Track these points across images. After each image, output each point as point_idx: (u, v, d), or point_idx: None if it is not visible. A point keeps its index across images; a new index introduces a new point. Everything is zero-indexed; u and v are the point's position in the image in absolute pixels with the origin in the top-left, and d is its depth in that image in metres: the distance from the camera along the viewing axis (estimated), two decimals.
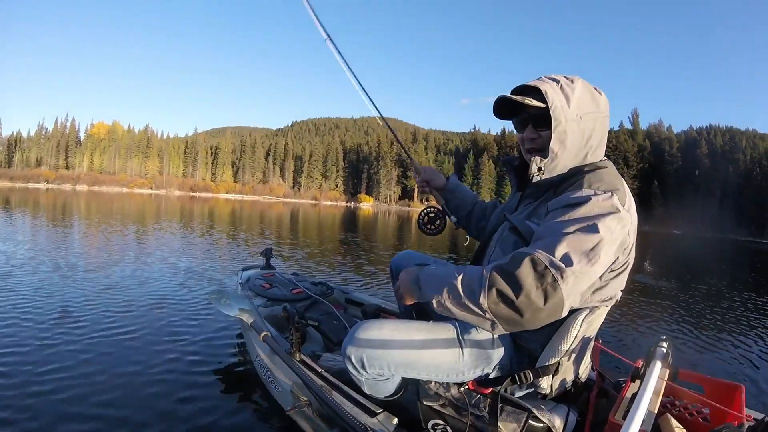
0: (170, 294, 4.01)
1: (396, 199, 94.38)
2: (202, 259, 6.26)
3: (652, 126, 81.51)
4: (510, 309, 0.98)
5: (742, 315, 5.23)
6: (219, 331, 3.05)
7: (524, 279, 0.97)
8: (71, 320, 3.08)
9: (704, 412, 1.24)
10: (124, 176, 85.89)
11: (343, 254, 8.30)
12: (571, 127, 1.13)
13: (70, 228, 9.43)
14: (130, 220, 12.77)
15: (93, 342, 2.71)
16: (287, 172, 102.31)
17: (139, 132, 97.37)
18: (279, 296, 2.44)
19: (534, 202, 1.27)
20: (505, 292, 0.98)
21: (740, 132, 73.98)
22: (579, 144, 1.16)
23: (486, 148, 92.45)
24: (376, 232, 16.48)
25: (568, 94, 1.13)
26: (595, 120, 1.16)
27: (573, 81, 1.16)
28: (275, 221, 18.20)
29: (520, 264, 0.99)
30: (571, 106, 1.13)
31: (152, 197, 44.05)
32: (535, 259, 0.99)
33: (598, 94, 1.19)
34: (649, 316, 4.58)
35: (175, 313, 3.41)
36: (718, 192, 65.55)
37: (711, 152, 70.11)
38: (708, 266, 12.89)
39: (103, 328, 2.95)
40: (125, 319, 3.17)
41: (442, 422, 1.34)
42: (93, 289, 3.94)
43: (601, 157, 1.23)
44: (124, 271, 4.90)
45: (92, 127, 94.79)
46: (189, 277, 4.79)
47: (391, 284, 1.84)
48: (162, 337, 2.89)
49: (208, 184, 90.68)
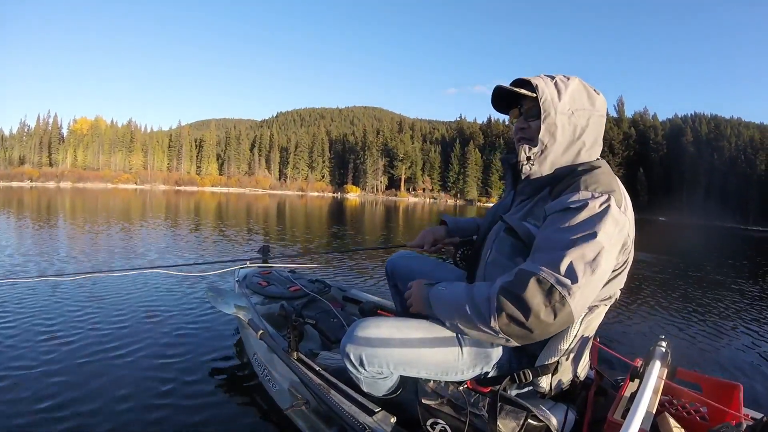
0: (166, 293, 3.93)
1: (383, 189, 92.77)
2: (191, 256, 6.19)
3: (637, 114, 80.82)
4: (521, 328, 1.00)
5: (741, 306, 5.19)
6: (216, 329, 3.00)
7: (532, 300, 0.98)
8: (66, 319, 3.03)
9: (702, 411, 1.23)
10: (108, 172, 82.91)
11: (334, 248, 8.26)
12: (561, 120, 1.13)
13: (55, 229, 8.99)
14: (116, 218, 12.14)
15: (91, 342, 2.67)
16: (273, 164, 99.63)
17: (123, 126, 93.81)
18: (276, 294, 2.40)
19: (528, 201, 1.24)
20: (515, 315, 0.99)
21: (725, 120, 73.74)
22: (570, 138, 1.16)
23: (472, 136, 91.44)
24: (363, 223, 16.14)
25: (561, 88, 1.14)
26: (589, 117, 1.16)
27: (569, 79, 1.17)
28: (262, 215, 17.75)
29: (526, 285, 0.99)
30: (563, 100, 1.13)
31: (137, 192, 42.89)
32: (540, 279, 0.99)
33: (594, 93, 1.18)
34: (645, 310, 4.56)
35: (171, 312, 3.35)
36: (703, 179, 65.68)
37: (696, 140, 69.94)
38: (699, 253, 12.91)
39: (98, 329, 2.89)
40: (120, 319, 3.11)
41: (441, 421, 1.32)
42: (86, 290, 3.84)
43: (595, 157, 1.21)
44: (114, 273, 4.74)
45: (75, 122, 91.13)
46: (183, 278, 4.69)
47: (388, 285, 1.81)
48: (158, 335, 2.84)
49: (194, 178, 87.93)
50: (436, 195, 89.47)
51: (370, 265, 6.07)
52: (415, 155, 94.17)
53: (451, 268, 1.65)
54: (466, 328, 1.11)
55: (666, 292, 5.67)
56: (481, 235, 1.40)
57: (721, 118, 74.28)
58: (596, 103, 1.17)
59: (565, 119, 1.13)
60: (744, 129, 70.38)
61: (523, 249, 1.15)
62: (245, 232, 9.98)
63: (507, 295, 1.01)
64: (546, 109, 1.13)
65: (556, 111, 1.13)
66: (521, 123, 1.22)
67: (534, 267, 1.01)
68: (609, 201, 1.02)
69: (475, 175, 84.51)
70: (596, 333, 1.28)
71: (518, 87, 1.18)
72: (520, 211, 1.24)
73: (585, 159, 1.19)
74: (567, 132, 1.15)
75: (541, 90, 1.13)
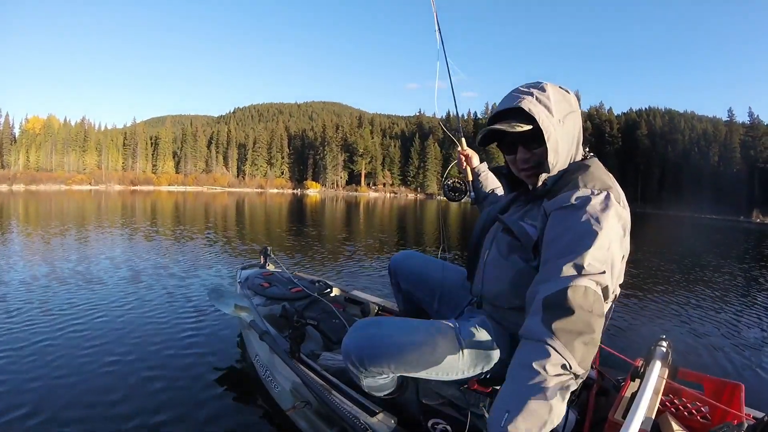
0: (166, 294, 3.75)
1: (343, 185, 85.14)
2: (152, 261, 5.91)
3: (593, 108, 78.74)
4: (588, 346, 0.83)
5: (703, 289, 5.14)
6: (218, 330, 2.84)
7: (584, 317, 0.83)
8: (67, 320, 2.88)
9: (704, 410, 1.16)
10: (61, 173, 71.96)
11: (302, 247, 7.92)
12: (558, 134, 1.04)
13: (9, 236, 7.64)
14: (74, 222, 10.48)
15: (89, 342, 2.52)
16: (231, 161, 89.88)
17: (76, 125, 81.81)
18: (278, 295, 2.27)
19: (526, 204, 1.18)
20: (573, 329, 0.82)
21: (679, 114, 73.20)
22: (569, 146, 1.08)
23: (431, 131, 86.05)
24: (324, 222, 14.50)
25: (546, 103, 1.03)
26: (574, 119, 1.08)
27: (544, 88, 1.06)
28: (221, 214, 15.97)
29: (565, 298, 0.85)
30: (554, 113, 1.03)
31: (92, 193, 39.26)
32: (572, 287, 0.85)
33: (567, 93, 1.09)
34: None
35: (172, 314, 3.18)
36: (657, 171, 65.91)
37: (651, 133, 69.27)
38: (656, 242, 12.75)
39: (98, 332, 2.73)
40: (120, 320, 2.96)
41: (442, 421, 1.27)
42: (85, 293, 3.66)
43: (582, 152, 1.13)
44: (115, 273, 4.57)
45: (27, 121, 78.84)
46: (183, 279, 4.51)
47: (390, 283, 1.71)
48: (160, 336, 2.69)
49: (149, 177, 78.17)
50: (396, 190, 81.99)
51: (372, 266, 5.86)
52: (375, 150, 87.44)
53: (455, 267, 1.56)
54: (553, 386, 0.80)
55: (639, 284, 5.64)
56: (478, 234, 1.32)
57: (675, 112, 73.83)
58: (572, 102, 1.09)
59: (561, 131, 1.04)
60: (697, 122, 69.96)
61: (518, 247, 1.09)
62: (201, 235, 8.59)
63: (563, 332, 0.83)
64: (546, 129, 1.02)
65: (554, 128, 1.03)
66: (524, 154, 1.09)
67: (562, 282, 0.88)
68: (609, 198, 0.95)
69: (435, 170, 79.73)
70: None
71: (503, 118, 1.07)
72: (517, 212, 1.18)
73: (578, 158, 1.12)
74: (565, 142, 1.06)
75: (537, 115, 1.01)
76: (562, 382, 0.79)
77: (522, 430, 0.75)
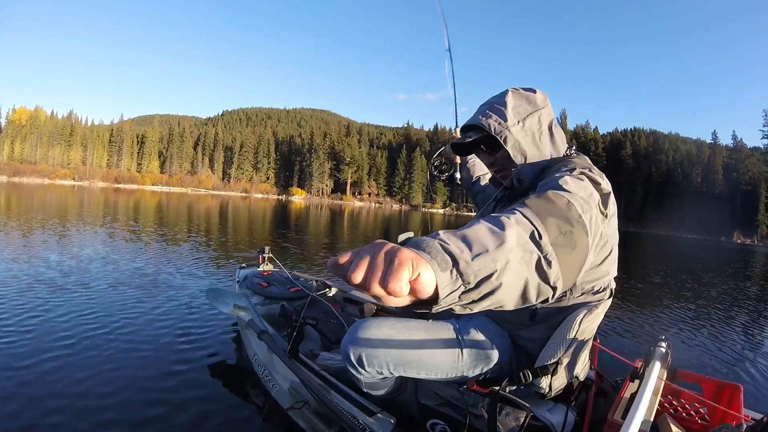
0: (165, 295, 3.63)
1: (328, 193, 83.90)
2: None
3: (579, 127, 78.93)
4: (565, 237, 0.66)
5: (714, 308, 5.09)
6: (216, 330, 2.76)
7: (563, 211, 0.70)
8: (67, 321, 2.77)
9: (702, 412, 1.13)
10: (45, 166, 70.29)
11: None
12: (518, 134, 1.05)
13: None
14: (61, 218, 9.80)
15: (89, 342, 2.43)
16: (217, 163, 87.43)
17: (63, 118, 80.00)
18: (277, 294, 2.21)
19: (510, 203, 1.15)
20: (560, 226, 0.67)
21: (663, 135, 73.74)
22: (535, 143, 1.07)
23: (419, 143, 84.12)
24: (308, 228, 13.81)
25: (501, 109, 1.06)
26: (538, 116, 1.08)
27: (503, 95, 1.09)
28: (204, 216, 15.16)
29: (551, 199, 0.73)
30: (509, 117, 1.05)
31: (75, 189, 37.35)
32: (558, 194, 0.75)
33: (531, 94, 1.10)
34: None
35: (170, 313, 3.08)
36: (641, 190, 66.03)
37: (635, 153, 69.74)
38: (660, 257, 13.07)
39: (97, 331, 2.62)
40: (120, 320, 2.85)
41: (441, 421, 1.23)
42: (84, 294, 3.49)
43: (566, 147, 1.11)
44: (102, 276, 4.32)
45: (14, 112, 75.93)
46: (182, 279, 4.41)
47: None
48: (158, 336, 2.60)
49: (134, 175, 76.17)
50: (381, 200, 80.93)
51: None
52: (362, 160, 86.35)
53: None
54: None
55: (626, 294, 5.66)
56: None
57: (659, 133, 74.37)
58: (537, 101, 1.09)
59: (521, 132, 1.05)
60: (681, 144, 70.48)
61: None
62: (183, 234, 8.24)
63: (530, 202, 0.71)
64: (500, 134, 1.04)
65: (509, 130, 1.04)
66: (487, 158, 1.17)
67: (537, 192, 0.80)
68: (592, 170, 0.92)
69: (421, 181, 78.08)
70: (596, 334, 1.19)
71: (470, 130, 1.12)
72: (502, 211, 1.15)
73: (561, 150, 1.10)
74: (528, 140, 1.06)
75: (486, 124, 1.06)
76: (525, 244, 0.58)
77: (451, 243, 0.52)
